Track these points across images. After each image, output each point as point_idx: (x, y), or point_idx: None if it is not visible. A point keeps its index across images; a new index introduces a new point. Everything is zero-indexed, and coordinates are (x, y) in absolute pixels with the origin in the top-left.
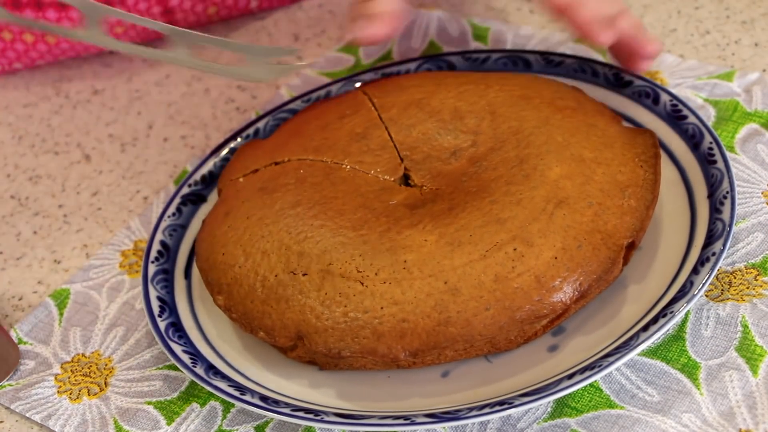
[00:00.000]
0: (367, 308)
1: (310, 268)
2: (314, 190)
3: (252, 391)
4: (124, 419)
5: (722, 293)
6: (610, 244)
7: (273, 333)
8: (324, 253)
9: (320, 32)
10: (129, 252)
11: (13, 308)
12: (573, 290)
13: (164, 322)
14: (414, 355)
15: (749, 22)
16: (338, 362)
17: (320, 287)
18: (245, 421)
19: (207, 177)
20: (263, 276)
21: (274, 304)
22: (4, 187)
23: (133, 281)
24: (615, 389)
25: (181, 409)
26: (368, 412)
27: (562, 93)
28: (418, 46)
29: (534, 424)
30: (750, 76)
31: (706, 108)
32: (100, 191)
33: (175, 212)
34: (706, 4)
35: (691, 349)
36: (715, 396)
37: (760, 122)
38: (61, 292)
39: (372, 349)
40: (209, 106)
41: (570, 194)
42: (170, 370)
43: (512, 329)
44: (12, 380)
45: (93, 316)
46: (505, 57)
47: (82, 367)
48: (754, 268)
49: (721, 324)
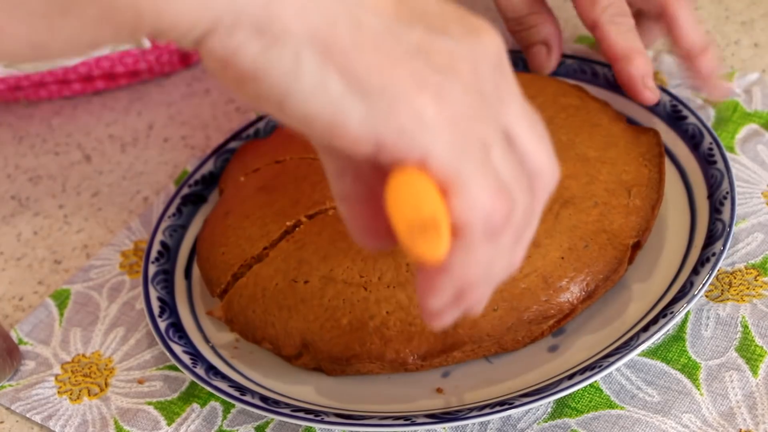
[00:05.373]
0: (373, 314)
1: (311, 275)
2: (314, 189)
3: (252, 392)
4: (124, 420)
5: (722, 293)
6: (616, 243)
7: (277, 342)
8: (324, 259)
9: None
10: (129, 252)
11: (13, 308)
12: (580, 290)
13: (164, 323)
14: (423, 359)
15: (749, 22)
16: (345, 368)
17: (323, 294)
18: (245, 422)
19: (207, 177)
20: (263, 286)
21: (276, 312)
22: (5, 187)
23: (134, 281)
24: (615, 389)
25: (182, 410)
26: (368, 413)
27: (565, 91)
28: None
29: (534, 425)
30: (750, 77)
31: (706, 108)
32: (100, 192)
33: (176, 212)
34: (705, 5)
35: (691, 350)
36: (715, 396)
37: (759, 123)
38: (62, 292)
39: (380, 355)
40: (209, 107)
41: (575, 194)
42: (170, 370)
43: (520, 329)
44: (12, 381)
45: (93, 316)
46: None
47: (83, 367)
48: (754, 269)
49: (721, 324)
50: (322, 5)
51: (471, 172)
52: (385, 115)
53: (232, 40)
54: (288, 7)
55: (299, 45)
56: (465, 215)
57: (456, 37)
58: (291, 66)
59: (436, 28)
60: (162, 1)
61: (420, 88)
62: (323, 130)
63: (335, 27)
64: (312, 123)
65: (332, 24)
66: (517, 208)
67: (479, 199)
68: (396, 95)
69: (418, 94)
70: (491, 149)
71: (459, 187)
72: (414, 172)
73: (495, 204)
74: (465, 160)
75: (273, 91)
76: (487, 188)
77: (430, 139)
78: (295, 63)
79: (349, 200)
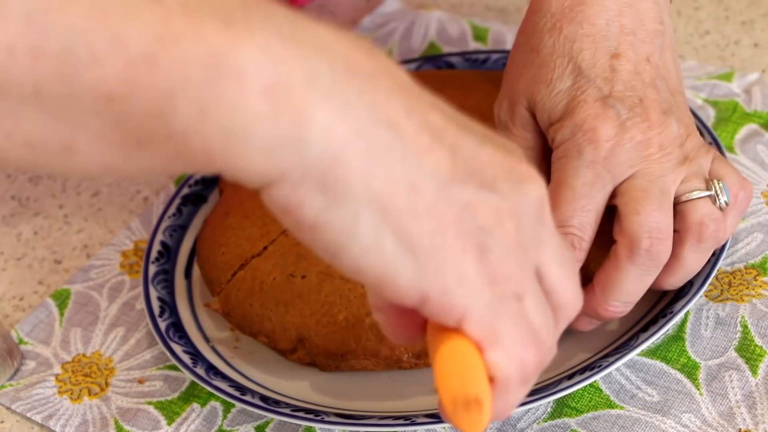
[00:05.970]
0: (369, 310)
1: (309, 271)
2: None
3: (252, 392)
4: (124, 419)
5: (722, 293)
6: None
7: (273, 336)
8: None
9: None
10: (129, 252)
11: (13, 308)
12: None
13: (165, 323)
14: (417, 357)
15: (749, 22)
16: (340, 364)
17: (320, 290)
18: (246, 422)
19: (207, 177)
20: (261, 280)
21: (273, 306)
22: (5, 187)
23: (134, 281)
24: (615, 389)
25: (182, 410)
26: (368, 412)
27: None
28: (418, 47)
29: (534, 424)
30: (749, 77)
31: (706, 108)
32: (100, 192)
33: (176, 212)
34: (705, 5)
35: (691, 350)
36: (715, 396)
37: (759, 123)
38: (62, 292)
39: (375, 351)
40: None
41: None
42: (171, 370)
43: None
44: (13, 380)
45: (93, 316)
46: (505, 57)
47: (83, 367)
48: (754, 269)
49: (721, 324)
50: (385, 169)
51: (506, 327)
52: (432, 275)
53: (296, 193)
54: (354, 171)
55: (360, 206)
56: (500, 369)
57: (503, 192)
58: (350, 225)
59: (486, 183)
60: (233, 151)
61: (464, 249)
62: (374, 282)
63: (394, 191)
64: (364, 275)
65: (392, 188)
66: (546, 349)
67: (513, 352)
68: (443, 257)
69: (463, 255)
70: (525, 299)
71: (494, 342)
72: (463, 343)
73: (527, 354)
74: (500, 315)
75: (330, 243)
76: (519, 341)
77: (469, 300)
78: (354, 222)
79: (386, 311)
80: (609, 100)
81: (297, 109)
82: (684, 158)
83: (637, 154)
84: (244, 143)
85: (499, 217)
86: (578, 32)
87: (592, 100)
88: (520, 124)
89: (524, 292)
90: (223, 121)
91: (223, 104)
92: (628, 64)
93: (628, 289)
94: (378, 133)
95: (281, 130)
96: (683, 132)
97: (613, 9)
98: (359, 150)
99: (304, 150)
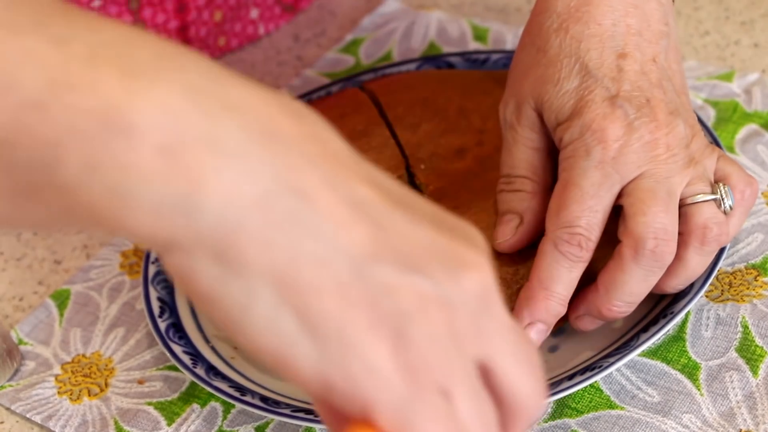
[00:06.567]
0: None
1: None
2: None
3: (252, 392)
4: (124, 420)
5: (722, 294)
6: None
7: None
8: None
9: (320, 33)
10: (129, 252)
11: (13, 308)
12: None
13: (165, 323)
14: None
15: (749, 22)
16: None
17: None
18: (246, 422)
19: None
20: None
21: None
22: None
23: (134, 282)
24: (615, 390)
25: (182, 410)
26: None
27: None
28: (418, 47)
29: (534, 425)
30: (749, 77)
31: (706, 108)
32: None
33: None
34: (705, 5)
35: (692, 350)
36: (716, 396)
37: (759, 123)
38: (62, 292)
39: None
40: None
41: None
42: (170, 370)
43: None
44: (12, 381)
45: (93, 316)
46: (505, 57)
47: (83, 367)
48: (754, 269)
49: (721, 324)
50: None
51: (424, 425)
52: (337, 360)
53: (189, 261)
54: (253, 242)
55: (256, 280)
56: None
57: (435, 278)
58: (246, 299)
59: (413, 266)
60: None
61: (377, 335)
62: (273, 364)
63: (298, 266)
64: (263, 355)
65: (295, 263)
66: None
67: None
68: (351, 342)
69: (374, 342)
70: (455, 396)
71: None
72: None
73: None
74: (417, 412)
75: (226, 317)
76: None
77: (377, 390)
78: (250, 297)
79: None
80: (617, 100)
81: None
82: (690, 160)
83: (645, 155)
84: (133, 204)
85: (423, 303)
86: (585, 32)
87: (600, 99)
88: (527, 125)
89: (452, 387)
90: (111, 177)
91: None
92: (635, 64)
93: (631, 289)
94: (285, 202)
95: (172, 193)
96: (689, 133)
97: (619, 9)
98: (260, 219)
99: (197, 215)
